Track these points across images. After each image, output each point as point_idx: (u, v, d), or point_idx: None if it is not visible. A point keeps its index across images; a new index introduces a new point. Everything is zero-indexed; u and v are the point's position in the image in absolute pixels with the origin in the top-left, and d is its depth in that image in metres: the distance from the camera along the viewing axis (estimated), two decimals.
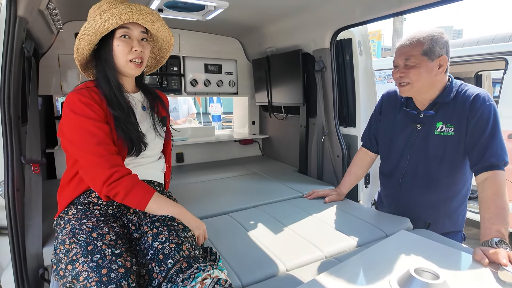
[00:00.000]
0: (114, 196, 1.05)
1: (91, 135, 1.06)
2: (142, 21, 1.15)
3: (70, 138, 1.09)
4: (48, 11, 1.45)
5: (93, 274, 0.85)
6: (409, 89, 1.37)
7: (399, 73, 1.37)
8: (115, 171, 1.05)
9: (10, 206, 1.12)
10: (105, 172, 1.04)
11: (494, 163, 1.25)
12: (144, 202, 1.07)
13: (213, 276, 0.91)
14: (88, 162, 1.06)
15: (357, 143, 2.23)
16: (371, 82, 2.26)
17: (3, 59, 1.13)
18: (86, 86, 1.15)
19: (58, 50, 2.11)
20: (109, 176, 1.03)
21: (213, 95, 3.01)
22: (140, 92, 1.32)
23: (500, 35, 3.53)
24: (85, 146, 1.06)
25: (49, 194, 1.44)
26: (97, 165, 1.04)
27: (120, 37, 1.14)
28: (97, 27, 1.10)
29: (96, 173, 1.05)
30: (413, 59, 1.32)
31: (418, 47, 1.31)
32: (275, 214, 1.62)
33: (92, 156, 1.05)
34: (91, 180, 1.07)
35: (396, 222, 1.49)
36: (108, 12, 1.09)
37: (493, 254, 1.01)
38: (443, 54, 1.31)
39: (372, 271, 0.98)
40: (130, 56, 1.16)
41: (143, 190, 1.08)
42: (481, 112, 1.28)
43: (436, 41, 1.30)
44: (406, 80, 1.35)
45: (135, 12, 1.12)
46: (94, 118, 1.08)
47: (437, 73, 1.33)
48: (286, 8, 1.96)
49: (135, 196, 1.06)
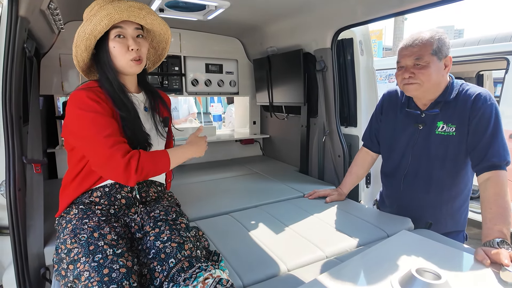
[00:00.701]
0: (145, 176, 1.08)
1: (101, 127, 1.04)
2: (133, 18, 1.12)
3: (79, 134, 1.06)
4: (49, 11, 1.45)
5: (94, 274, 0.85)
6: (417, 89, 1.35)
7: (407, 73, 1.34)
8: (130, 156, 1.04)
9: (11, 206, 1.12)
10: (120, 161, 1.01)
11: (496, 163, 1.24)
12: (167, 164, 1.13)
13: (215, 276, 0.91)
14: (101, 155, 1.03)
15: (358, 143, 2.23)
16: (372, 82, 2.25)
17: (5, 59, 1.13)
18: (89, 86, 1.13)
19: (60, 50, 2.11)
20: (127, 163, 1.02)
21: (214, 95, 3.01)
22: (143, 92, 1.31)
23: (501, 34, 3.53)
24: (95, 139, 1.03)
25: (50, 194, 1.45)
26: (111, 156, 1.02)
27: (115, 37, 1.12)
28: (89, 32, 1.08)
29: (113, 164, 1.02)
30: (425, 59, 1.30)
31: (428, 46, 1.30)
32: (276, 214, 1.62)
33: (104, 148, 1.02)
34: (110, 172, 1.06)
35: (397, 222, 1.49)
36: (97, 15, 1.07)
37: (495, 254, 1.01)
38: (448, 55, 1.32)
39: (374, 271, 0.98)
40: (129, 57, 1.14)
41: (160, 156, 1.13)
42: (482, 112, 1.28)
43: (443, 41, 1.31)
44: (415, 80, 1.33)
45: (124, 10, 1.09)
46: (102, 113, 1.07)
47: (443, 74, 1.34)
48: (287, 8, 1.95)
49: (160, 164, 1.11)
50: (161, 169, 1.12)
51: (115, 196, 1.16)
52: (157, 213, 1.15)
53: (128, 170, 1.02)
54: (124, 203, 1.17)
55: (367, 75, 2.22)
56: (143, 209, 1.19)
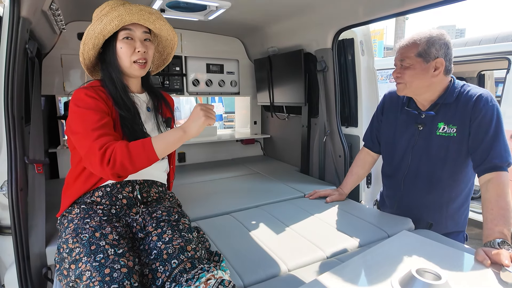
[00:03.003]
0: (122, 169, 0.98)
1: (90, 122, 1.04)
2: (143, 21, 1.15)
3: (72, 129, 1.07)
4: (51, 12, 1.46)
5: (96, 274, 0.86)
6: (404, 88, 1.39)
7: (395, 73, 1.39)
8: (105, 148, 0.98)
9: (13, 206, 1.13)
10: (96, 153, 0.98)
11: (498, 164, 1.25)
12: (151, 154, 0.99)
13: (217, 276, 0.91)
14: (85, 148, 1.02)
15: (359, 143, 2.23)
16: (373, 82, 2.25)
17: (7, 59, 1.14)
18: (91, 85, 1.16)
19: (61, 50, 2.12)
20: (102, 156, 0.97)
21: (215, 95, 3.02)
22: (146, 93, 1.32)
23: (503, 34, 3.52)
24: (84, 133, 1.03)
25: (52, 194, 1.45)
26: (90, 147, 0.99)
27: (123, 39, 1.15)
28: (99, 31, 1.10)
29: (91, 158, 0.99)
30: (407, 60, 1.33)
31: (413, 48, 1.31)
32: (277, 214, 1.62)
33: (87, 141, 1.01)
34: (89, 165, 1.02)
35: (398, 223, 1.49)
36: (109, 15, 1.09)
37: (496, 255, 1.01)
38: (440, 57, 1.30)
39: (374, 271, 0.98)
40: (134, 57, 1.16)
41: (139, 145, 1.00)
42: (484, 113, 1.28)
43: (432, 43, 1.29)
44: (401, 80, 1.37)
45: (135, 13, 1.11)
46: (95, 109, 1.07)
47: (433, 75, 1.32)
48: (288, 8, 1.96)
49: (139, 155, 0.98)
50: (142, 159, 0.99)
51: (117, 196, 1.16)
52: (159, 213, 1.16)
53: (102, 162, 0.97)
54: (125, 203, 1.17)
55: (368, 75, 2.22)
56: (145, 209, 1.19)
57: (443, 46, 1.30)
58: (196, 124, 1.01)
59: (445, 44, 1.30)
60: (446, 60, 1.31)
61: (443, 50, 1.30)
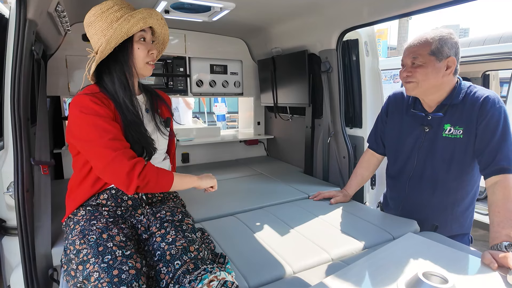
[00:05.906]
0: (145, 185, 1.05)
1: (105, 131, 1.04)
2: (157, 25, 1.21)
3: (82, 137, 1.06)
4: (56, 13, 1.46)
5: (104, 275, 0.86)
6: (415, 88, 1.36)
7: (406, 72, 1.36)
8: (136, 161, 1.04)
9: (20, 207, 1.14)
10: (125, 164, 1.01)
11: (505, 166, 1.23)
12: (169, 185, 1.13)
13: (220, 278, 0.91)
14: (104, 157, 1.02)
15: (363, 144, 2.22)
16: (378, 83, 2.24)
17: (13, 61, 1.15)
18: (91, 91, 1.12)
19: (66, 51, 2.13)
20: (132, 167, 1.02)
21: (219, 96, 3.02)
22: (143, 93, 1.32)
23: (507, 34, 3.50)
24: (99, 142, 1.03)
25: (57, 194, 1.46)
26: (115, 158, 1.02)
27: (139, 40, 1.17)
28: (125, 31, 1.10)
29: (116, 167, 1.02)
30: (420, 58, 1.31)
31: (426, 46, 1.30)
32: (281, 216, 1.62)
33: (108, 150, 1.02)
34: (112, 175, 1.04)
35: (403, 225, 1.49)
36: (135, 17, 1.11)
37: (503, 258, 1.00)
38: (451, 55, 1.30)
39: (380, 274, 0.98)
40: (148, 59, 1.19)
41: (165, 173, 1.13)
42: (491, 115, 1.27)
43: (444, 42, 1.29)
44: (412, 79, 1.35)
45: (153, 17, 1.17)
46: (105, 116, 1.07)
47: (444, 74, 1.32)
48: (292, 9, 1.95)
49: (163, 180, 1.10)
50: (162, 184, 1.11)
51: (122, 197, 1.17)
52: (163, 214, 1.16)
53: (131, 174, 1.01)
54: (130, 204, 1.18)
55: (372, 76, 2.21)
56: (149, 210, 1.19)
57: (454, 45, 1.30)
58: (208, 182, 1.29)
59: (455, 43, 1.30)
60: (457, 59, 1.31)
61: (454, 49, 1.30)
